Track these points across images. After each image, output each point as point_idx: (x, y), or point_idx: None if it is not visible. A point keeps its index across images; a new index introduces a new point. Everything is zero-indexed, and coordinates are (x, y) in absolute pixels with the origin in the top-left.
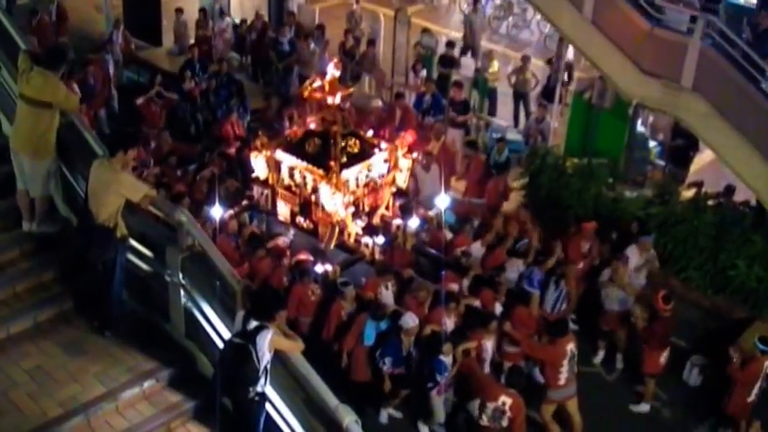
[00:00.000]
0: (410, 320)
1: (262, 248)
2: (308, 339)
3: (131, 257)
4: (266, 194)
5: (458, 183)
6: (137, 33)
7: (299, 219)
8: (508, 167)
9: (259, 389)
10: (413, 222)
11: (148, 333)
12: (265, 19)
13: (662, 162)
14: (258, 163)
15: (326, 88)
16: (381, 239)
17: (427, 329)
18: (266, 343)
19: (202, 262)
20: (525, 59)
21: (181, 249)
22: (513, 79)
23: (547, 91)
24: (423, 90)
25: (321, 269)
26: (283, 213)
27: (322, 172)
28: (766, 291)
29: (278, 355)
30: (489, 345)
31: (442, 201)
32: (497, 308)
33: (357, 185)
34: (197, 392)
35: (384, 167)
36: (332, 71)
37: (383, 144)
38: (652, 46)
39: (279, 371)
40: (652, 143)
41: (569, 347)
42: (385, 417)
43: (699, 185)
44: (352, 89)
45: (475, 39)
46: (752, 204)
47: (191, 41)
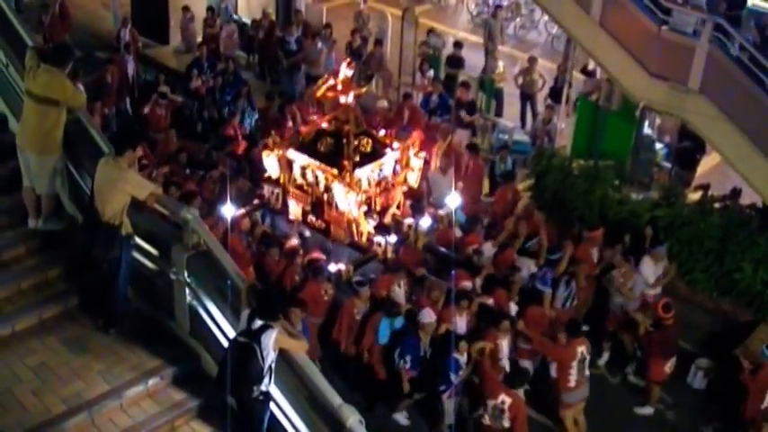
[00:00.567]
0: (428, 316)
1: (275, 247)
2: (319, 339)
3: (137, 255)
4: (277, 193)
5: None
6: (144, 31)
7: (311, 218)
8: (514, 175)
9: (263, 388)
10: (424, 222)
11: (153, 331)
12: (273, 18)
13: (668, 164)
14: (270, 162)
15: (339, 88)
16: (394, 238)
17: (442, 328)
18: (271, 342)
19: (208, 260)
20: (532, 60)
21: (186, 248)
22: (521, 80)
23: (554, 92)
24: (430, 90)
25: (334, 268)
26: (295, 212)
27: (335, 171)
28: None
29: (282, 354)
30: (505, 344)
31: (453, 200)
32: (513, 307)
33: (369, 184)
34: (201, 390)
35: (396, 167)
36: (345, 71)
37: (395, 143)
38: (659, 48)
39: (283, 370)
40: (659, 145)
41: (580, 350)
42: (401, 418)
43: (705, 188)
44: (364, 89)
45: (494, 44)
46: (758, 207)
47: (198, 40)
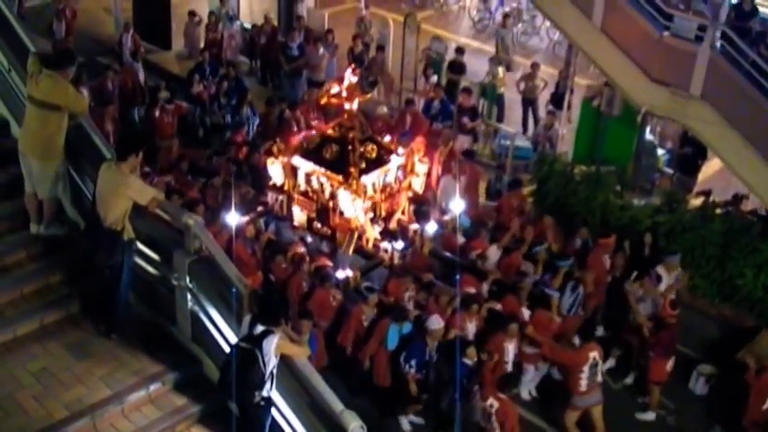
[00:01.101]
0: (436, 322)
1: (280, 254)
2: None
3: (138, 260)
4: (281, 201)
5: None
6: (146, 37)
7: (317, 224)
8: (521, 182)
9: (265, 393)
10: (430, 227)
11: (155, 336)
12: (275, 23)
13: (670, 170)
14: (275, 169)
15: (344, 95)
16: (400, 244)
17: (451, 334)
18: (272, 347)
19: (210, 266)
20: (534, 66)
21: (188, 253)
22: (522, 86)
23: (556, 98)
24: (432, 96)
25: (342, 275)
26: (299, 219)
27: (341, 178)
28: None
29: (284, 360)
30: (511, 347)
31: (458, 205)
32: (525, 313)
33: (375, 191)
34: (203, 396)
35: (400, 172)
36: (349, 77)
37: (400, 149)
38: (661, 53)
39: (285, 375)
40: (660, 151)
41: (592, 355)
42: (406, 423)
43: (707, 194)
44: (369, 95)
45: (507, 53)
46: (760, 213)
47: (200, 45)
